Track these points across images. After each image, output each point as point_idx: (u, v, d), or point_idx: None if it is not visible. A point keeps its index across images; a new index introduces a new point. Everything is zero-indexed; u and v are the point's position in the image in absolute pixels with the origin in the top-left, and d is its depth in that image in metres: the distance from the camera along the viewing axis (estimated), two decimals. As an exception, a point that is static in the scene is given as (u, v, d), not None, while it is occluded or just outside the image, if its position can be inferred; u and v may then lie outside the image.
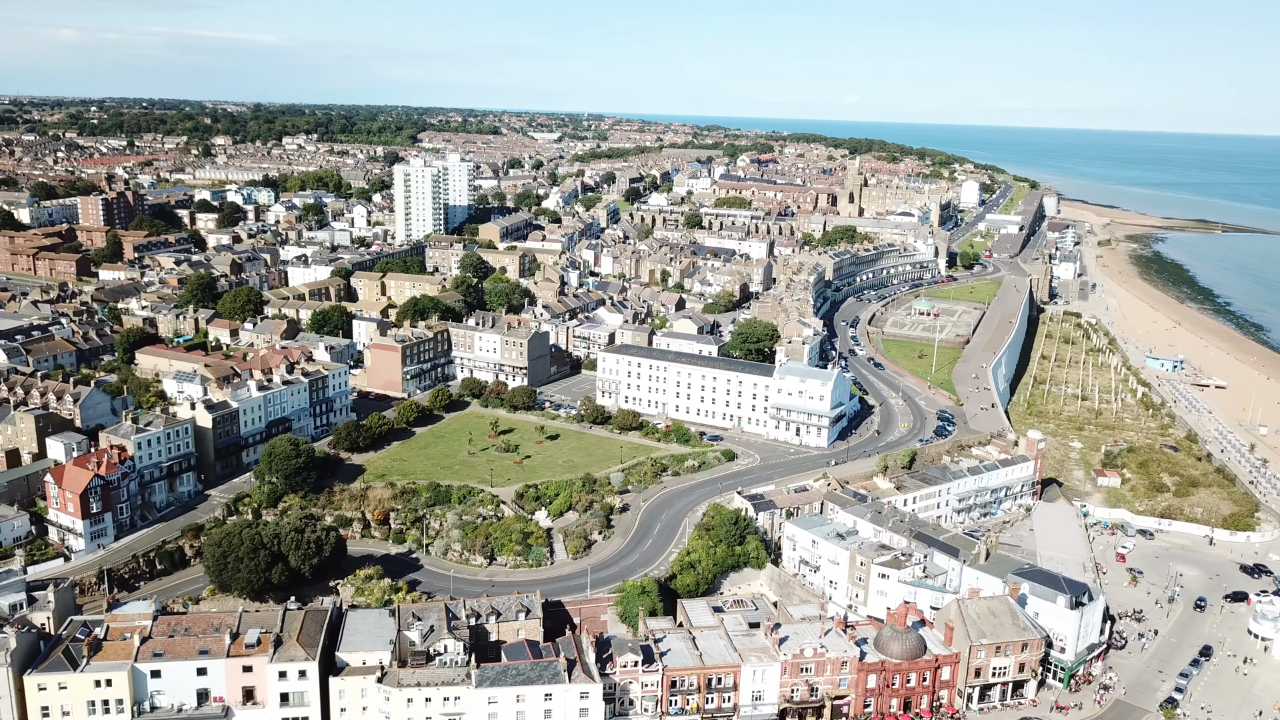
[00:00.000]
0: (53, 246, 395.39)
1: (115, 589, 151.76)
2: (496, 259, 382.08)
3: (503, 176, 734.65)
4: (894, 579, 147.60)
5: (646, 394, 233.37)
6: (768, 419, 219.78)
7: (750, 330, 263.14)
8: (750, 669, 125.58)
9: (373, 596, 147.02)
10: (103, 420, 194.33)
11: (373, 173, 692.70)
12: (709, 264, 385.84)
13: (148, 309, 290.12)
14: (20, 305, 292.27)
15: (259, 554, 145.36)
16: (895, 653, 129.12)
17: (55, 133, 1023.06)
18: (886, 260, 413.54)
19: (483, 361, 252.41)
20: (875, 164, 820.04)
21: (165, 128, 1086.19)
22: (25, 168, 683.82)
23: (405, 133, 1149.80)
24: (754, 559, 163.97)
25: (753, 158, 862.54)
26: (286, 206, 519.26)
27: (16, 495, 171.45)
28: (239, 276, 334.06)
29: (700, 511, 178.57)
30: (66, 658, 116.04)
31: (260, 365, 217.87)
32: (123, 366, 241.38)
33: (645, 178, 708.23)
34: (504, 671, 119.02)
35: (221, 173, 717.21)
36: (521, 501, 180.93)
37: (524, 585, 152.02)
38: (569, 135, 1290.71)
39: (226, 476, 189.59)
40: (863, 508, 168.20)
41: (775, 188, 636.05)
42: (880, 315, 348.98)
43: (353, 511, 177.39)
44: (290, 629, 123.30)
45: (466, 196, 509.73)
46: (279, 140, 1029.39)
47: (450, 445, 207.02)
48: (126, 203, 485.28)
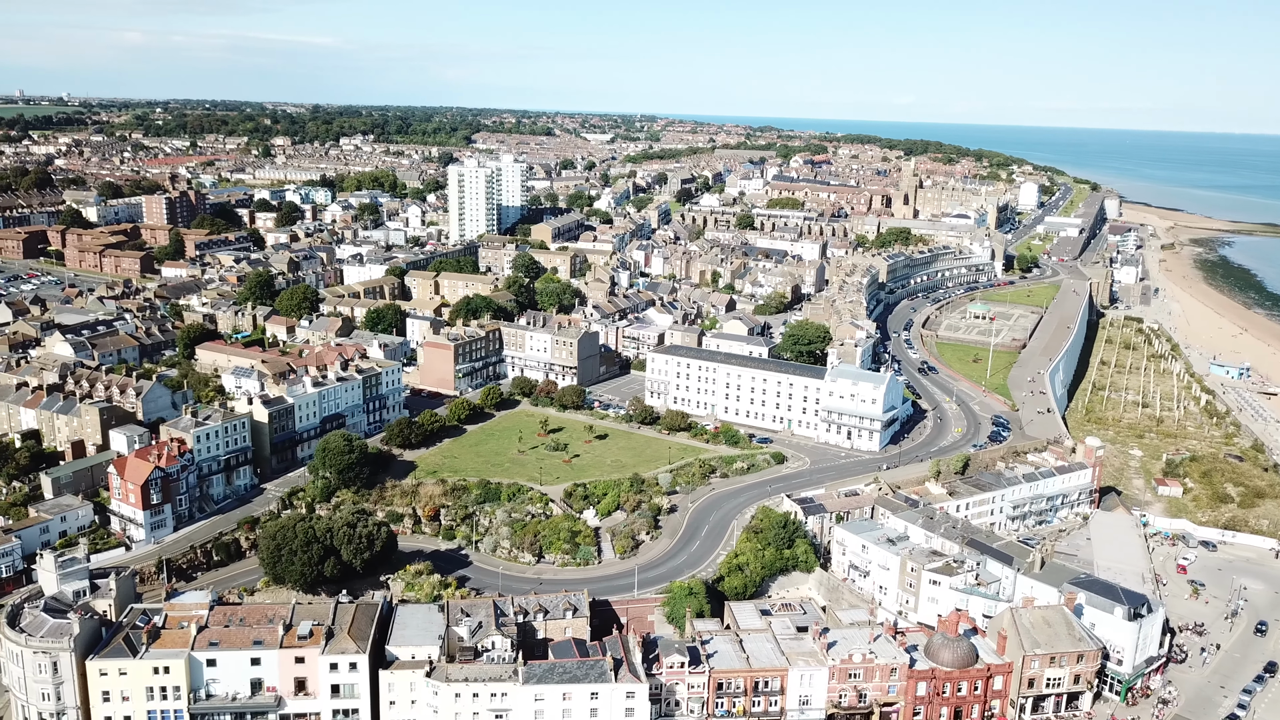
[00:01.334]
0: (118, 244, 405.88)
1: (174, 579, 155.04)
2: (548, 259, 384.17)
3: (555, 177, 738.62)
4: (945, 586, 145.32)
5: (695, 395, 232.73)
6: (818, 422, 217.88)
7: (802, 332, 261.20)
8: (798, 673, 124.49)
9: (422, 592, 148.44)
10: (163, 414, 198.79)
11: (427, 173, 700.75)
12: (760, 265, 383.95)
13: (208, 306, 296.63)
14: (87, 301, 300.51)
15: (312, 547, 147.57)
16: (946, 660, 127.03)
17: (122, 134, 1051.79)
18: (941, 263, 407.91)
19: (533, 360, 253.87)
20: (931, 165, 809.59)
21: (227, 129, 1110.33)
22: (93, 168, 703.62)
23: (460, 134, 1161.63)
24: (803, 563, 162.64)
25: (806, 159, 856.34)
26: (343, 206, 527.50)
27: (81, 485, 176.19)
28: (296, 275, 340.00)
29: (749, 514, 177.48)
30: (127, 644, 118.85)
31: (315, 362, 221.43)
32: (183, 362, 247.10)
33: (697, 179, 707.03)
34: (551, 669, 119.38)
35: (280, 173, 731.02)
36: (570, 500, 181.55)
37: (571, 584, 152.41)
38: (621, 136, 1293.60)
39: (281, 471, 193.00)
40: (914, 513, 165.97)
41: (829, 189, 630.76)
42: (934, 318, 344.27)
43: (404, 507, 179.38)
44: (341, 622, 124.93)
45: (519, 197, 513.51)
46: (336, 141, 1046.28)
47: (500, 443, 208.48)
48: (189, 202, 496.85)
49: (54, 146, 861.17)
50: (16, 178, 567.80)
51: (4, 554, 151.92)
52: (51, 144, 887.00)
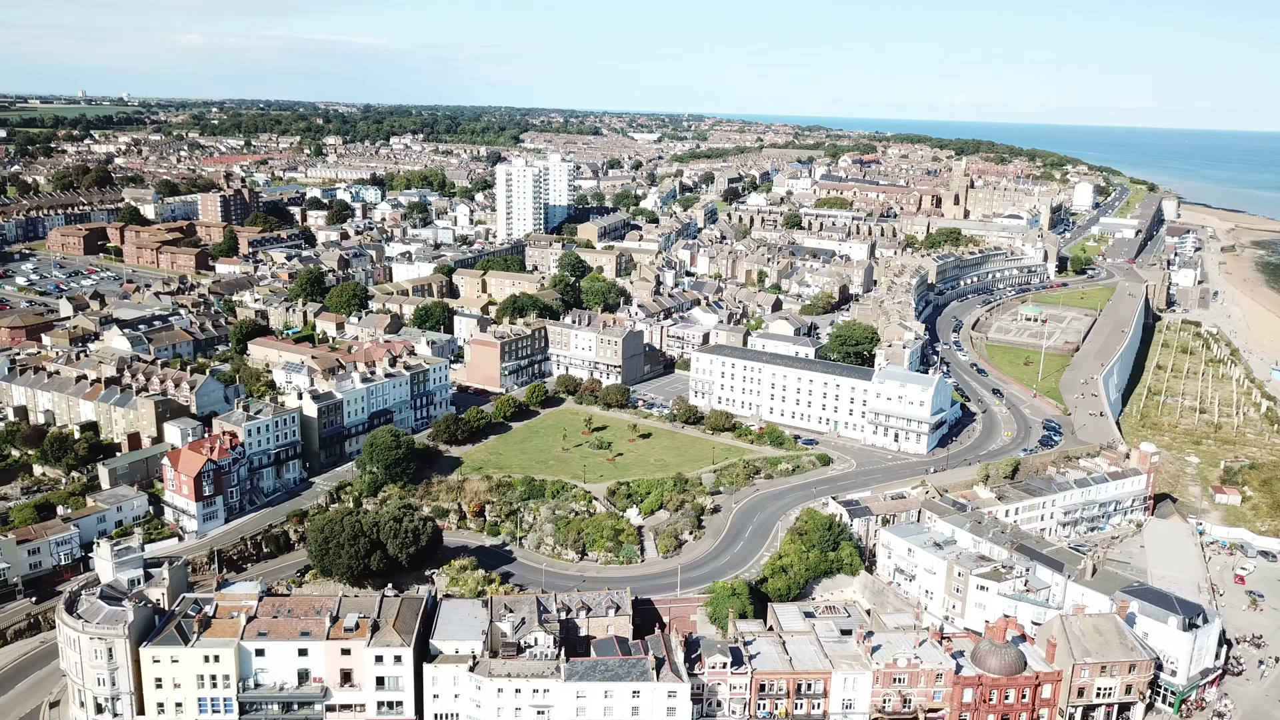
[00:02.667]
0: (174, 241, 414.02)
1: (224, 569, 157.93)
2: (594, 258, 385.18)
3: (602, 177, 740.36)
4: (993, 591, 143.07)
5: (740, 395, 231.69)
6: (865, 424, 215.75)
7: (849, 333, 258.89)
8: (841, 676, 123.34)
9: (466, 587, 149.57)
10: (216, 407, 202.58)
11: (476, 172, 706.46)
12: (807, 265, 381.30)
13: (260, 302, 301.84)
14: (144, 296, 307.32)
15: (359, 541, 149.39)
16: (993, 667, 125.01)
17: (179, 133, 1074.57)
18: (992, 264, 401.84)
19: (578, 359, 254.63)
20: (983, 165, 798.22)
21: (280, 128, 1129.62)
22: (152, 166, 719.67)
23: (508, 133, 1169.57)
24: (847, 565, 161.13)
25: (855, 158, 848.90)
26: (392, 204, 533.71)
27: (137, 476, 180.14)
28: (346, 272, 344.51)
29: (793, 515, 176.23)
30: (179, 633, 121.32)
31: (364, 358, 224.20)
32: (235, 356, 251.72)
33: (744, 178, 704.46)
34: (593, 667, 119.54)
35: (332, 171, 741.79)
36: (613, 499, 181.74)
37: (614, 582, 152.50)
38: (668, 136, 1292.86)
39: (330, 465, 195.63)
40: (962, 517, 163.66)
41: (878, 189, 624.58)
42: (985, 320, 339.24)
43: (449, 503, 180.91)
44: (387, 615, 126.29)
45: (566, 196, 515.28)
46: (387, 140, 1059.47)
47: (545, 440, 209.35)
48: (243, 200, 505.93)
49: (114, 146, 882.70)
50: (78, 176, 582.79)
51: (63, 542, 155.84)
52: (112, 143, 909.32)
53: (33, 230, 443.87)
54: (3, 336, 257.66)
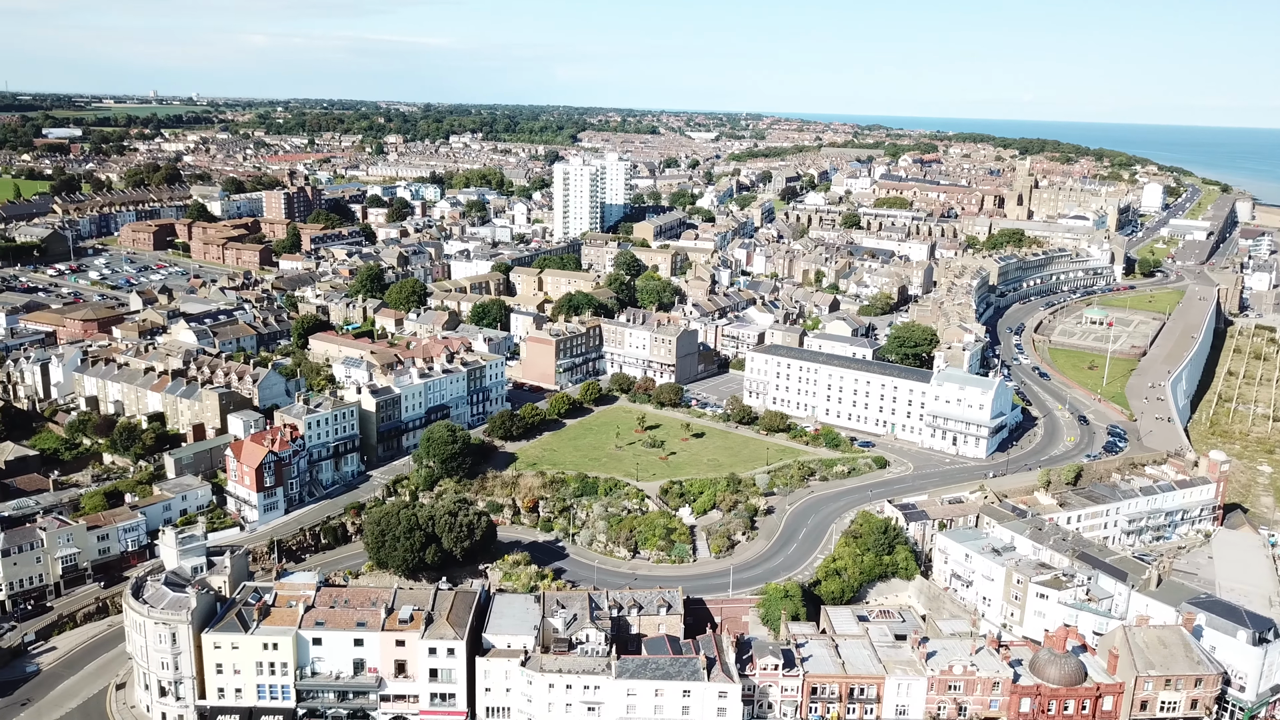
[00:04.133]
0: (239, 237, 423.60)
1: (284, 559, 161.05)
2: (649, 257, 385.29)
3: (659, 175, 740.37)
4: (1053, 600, 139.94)
5: (795, 396, 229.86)
6: (923, 426, 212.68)
7: (908, 334, 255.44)
8: (895, 681, 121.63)
9: (519, 582, 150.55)
10: (277, 400, 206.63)
11: (533, 171, 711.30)
12: (866, 265, 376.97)
13: (321, 297, 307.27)
14: (210, 291, 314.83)
15: (415, 534, 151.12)
16: (1052, 677, 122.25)
17: (245, 131, 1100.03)
18: (1056, 265, 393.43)
19: (632, 357, 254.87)
20: (1047, 165, 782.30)
21: (343, 127, 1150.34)
22: (219, 164, 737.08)
23: (566, 132, 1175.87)
24: (903, 570, 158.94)
25: (915, 157, 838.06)
26: (451, 203, 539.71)
27: (201, 467, 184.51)
28: (405, 269, 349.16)
29: (848, 518, 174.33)
30: (239, 620, 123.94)
31: (422, 354, 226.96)
32: (297, 351, 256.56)
33: (802, 177, 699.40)
34: (644, 665, 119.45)
35: (392, 170, 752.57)
36: (666, 497, 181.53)
37: (666, 580, 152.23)
38: (726, 135, 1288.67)
39: (387, 459, 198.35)
40: (1022, 523, 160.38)
41: (938, 188, 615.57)
42: (1048, 323, 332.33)
43: (504, 498, 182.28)
44: (441, 608, 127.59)
45: (623, 195, 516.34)
46: (446, 139, 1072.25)
47: (598, 438, 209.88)
48: (306, 197, 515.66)
49: (183, 144, 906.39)
50: (149, 174, 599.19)
51: (130, 529, 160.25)
52: (181, 141, 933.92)
53: (105, 226, 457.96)
54: (76, 329, 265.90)
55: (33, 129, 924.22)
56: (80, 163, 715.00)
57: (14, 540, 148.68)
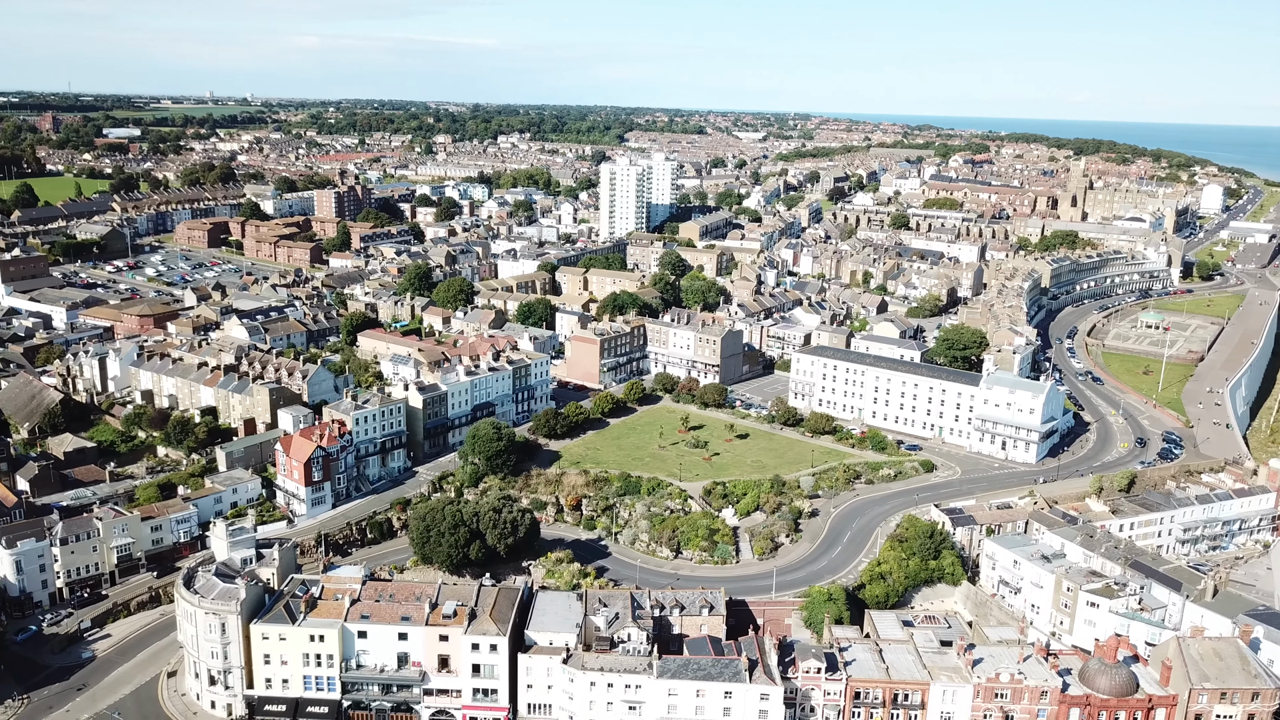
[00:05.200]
0: (291, 235, 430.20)
1: (330, 553, 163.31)
2: (695, 257, 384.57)
3: (705, 176, 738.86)
4: (1104, 609, 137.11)
5: (841, 398, 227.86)
6: (971, 430, 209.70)
7: (957, 336, 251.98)
8: (940, 688, 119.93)
9: (562, 579, 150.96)
10: (326, 396, 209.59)
11: (580, 171, 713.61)
12: (914, 266, 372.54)
13: (370, 295, 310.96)
14: (261, 288, 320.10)
15: (459, 530, 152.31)
16: (1103, 687, 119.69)
17: (298, 131, 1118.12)
18: (1111, 268, 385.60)
19: (676, 357, 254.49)
20: (1103, 165, 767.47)
21: (392, 127, 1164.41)
22: (271, 163, 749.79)
23: (613, 132, 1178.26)
24: (949, 575, 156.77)
25: (966, 158, 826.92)
26: (499, 203, 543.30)
27: (251, 460, 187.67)
28: (453, 268, 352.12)
29: (893, 522, 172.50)
30: (287, 612, 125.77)
31: (469, 352, 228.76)
32: (345, 348, 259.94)
33: (850, 177, 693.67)
34: (685, 665, 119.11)
35: (441, 169, 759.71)
36: (709, 498, 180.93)
37: (708, 581, 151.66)
38: (774, 135, 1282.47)
39: (433, 455, 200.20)
40: (1072, 530, 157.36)
41: (990, 189, 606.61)
42: (1101, 326, 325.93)
43: (547, 495, 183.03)
44: (484, 604, 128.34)
45: (669, 195, 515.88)
46: (494, 139, 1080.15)
47: (642, 437, 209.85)
48: (356, 196, 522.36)
49: (238, 144, 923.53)
50: (204, 173, 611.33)
51: (183, 520, 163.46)
52: (235, 141, 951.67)
53: (162, 224, 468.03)
54: (133, 324, 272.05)
55: (94, 129, 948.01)
56: (139, 162, 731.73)
57: (72, 530, 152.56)
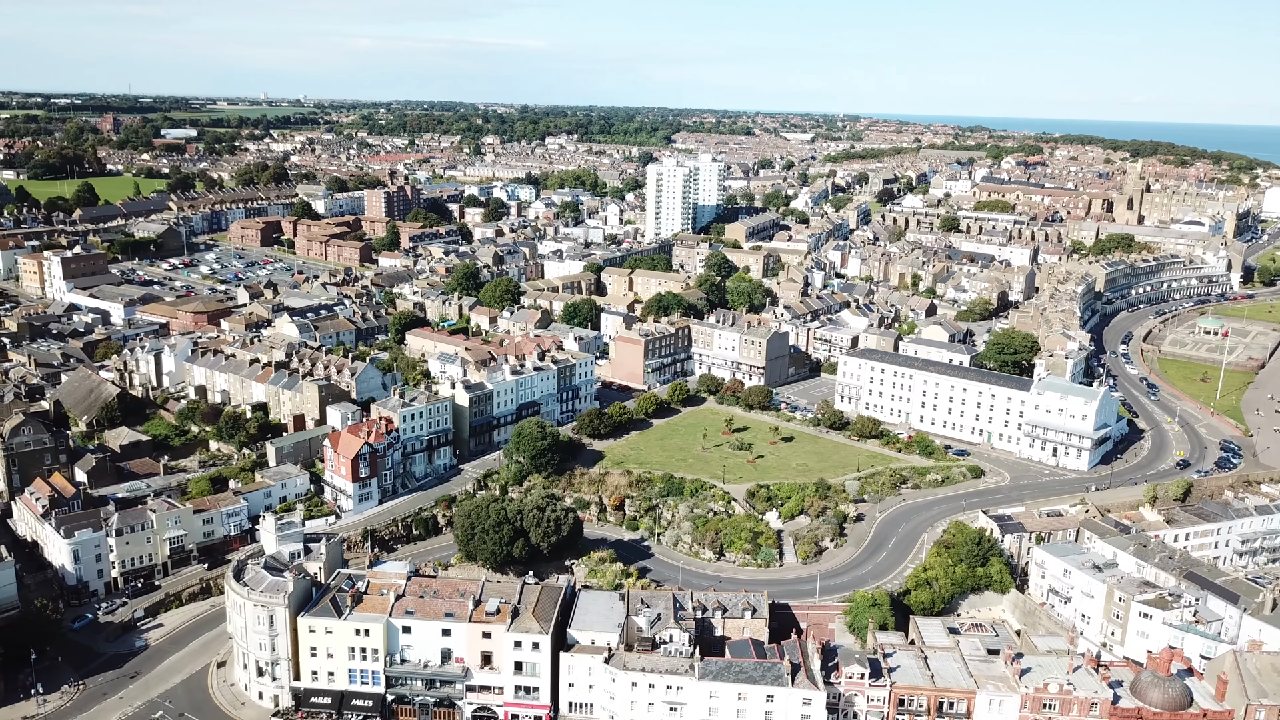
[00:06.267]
0: (341, 235, 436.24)
1: (376, 548, 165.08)
2: (740, 258, 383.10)
3: (752, 177, 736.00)
4: (1158, 620, 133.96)
5: (889, 401, 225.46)
6: (1021, 436, 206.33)
7: (1007, 340, 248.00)
8: (986, 697, 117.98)
9: (604, 579, 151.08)
10: (374, 394, 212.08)
11: (627, 172, 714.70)
12: (965, 269, 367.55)
13: (418, 294, 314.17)
14: (312, 286, 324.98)
15: (503, 528, 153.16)
16: (1155, 701, 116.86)
17: (349, 132, 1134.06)
18: (1168, 272, 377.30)
19: (721, 359, 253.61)
20: (1161, 168, 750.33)
21: (442, 128, 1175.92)
22: (323, 164, 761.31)
23: (660, 133, 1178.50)
24: (997, 583, 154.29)
25: (1019, 160, 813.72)
26: (546, 203, 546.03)
27: (300, 456, 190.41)
28: (500, 268, 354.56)
29: (940, 528, 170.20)
30: (333, 605, 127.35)
31: (515, 351, 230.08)
32: (394, 346, 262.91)
33: (900, 179, 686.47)
34: (727, 667, 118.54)
35: (489, 170, 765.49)
36: (753, 500, 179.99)
37: (751, 584, 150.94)
38: (822, 136, 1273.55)
39: (478, 453, 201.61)
40: (1125, 539, 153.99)
41: (1043, 191, 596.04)
42: (1157, 332, 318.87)
43: (590, 495, 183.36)
44: (527, 602, 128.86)
45: (715, 196, 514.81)
46: (542, 140, 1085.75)
47: (685, 439, 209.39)
48: (405, 196, 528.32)
49: (291, 144, 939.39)
50: (258, 173, 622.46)
51: (233, 514, 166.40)
52: (289, 142, 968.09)
53: (217, 223, 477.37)
54: (187, 321, 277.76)
55: (152, 130, 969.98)
56: (195, 162, 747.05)
57: (127, 521, 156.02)
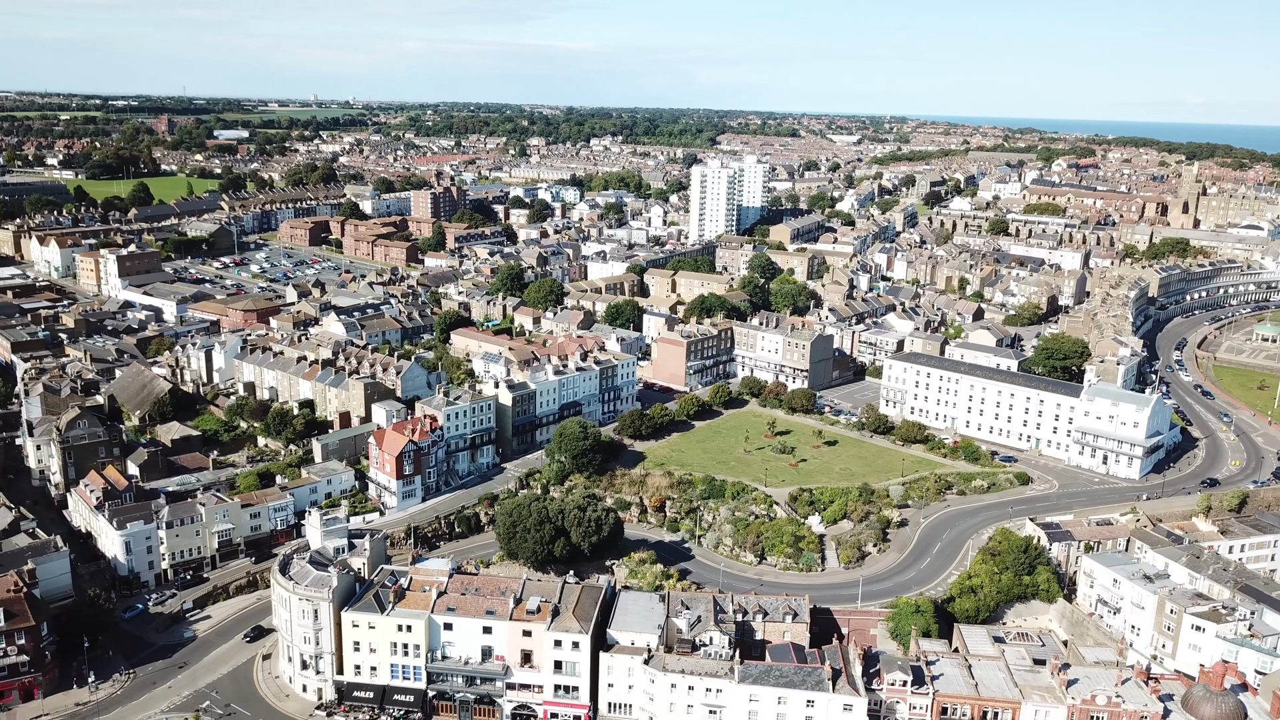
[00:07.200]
0: (388, 235, 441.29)
1: (419, 545, 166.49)
2: (785, 260, 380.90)
3: (798, 178, 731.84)
4: (1211, 633, 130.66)
5: (934, 406, 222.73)
6: (1070, 443, 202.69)
7: (1057, 346, 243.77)
8: (1032, 708, 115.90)
9: (645, 580, 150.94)
10: (419, 392, 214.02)
11: (671, 174, 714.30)
12: (1013, 273, 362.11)
13: (463, 294, 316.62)
14: (359, 286, 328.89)
15: (544, 527, 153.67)
16: (1208, 716, 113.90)
17: (397, 134, 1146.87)
18: (1225, 277, 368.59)
19: (764, 361, 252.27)
20: (1217, 171, 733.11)
21: (488, 130, 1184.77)
22: (371, 164, 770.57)
23: (705, 135, 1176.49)
24: (1043, 592, 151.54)
25: (1070, 162, 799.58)
26: (590, 205, 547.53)
27: (345, 453, 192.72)
28: (544, 269, 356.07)
29: (986, 535, 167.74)
30: (376, 601, 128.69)
31: (557, 351, 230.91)
32: (439, 345, 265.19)
33: (947, 181, 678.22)
34: (767, 671, 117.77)
35: (534, 171, 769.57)
36: (795, 504, 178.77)
37: (793, 588, 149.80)
38: (869, 138, 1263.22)
39: (521, 452, 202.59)
40: (1178, 550, 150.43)
41: (1095, 194, 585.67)
42: (1213, 339, 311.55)
43: (631, 496, 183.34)
44: (567, 601, 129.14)
45: (760, 198, 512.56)
46: (587, 142, 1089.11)
47: (727, 441, 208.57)
48: (451, 197, 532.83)
49: (339, 145, 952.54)
50: (307, 173, 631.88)
51: (280, 509, 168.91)
52: (337, 143, 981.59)
53: (266, 222, 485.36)
54: (237, 318, 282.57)
55: (205, 131, 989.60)
56: (246, 162, 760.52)
57: (177, 514, 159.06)
